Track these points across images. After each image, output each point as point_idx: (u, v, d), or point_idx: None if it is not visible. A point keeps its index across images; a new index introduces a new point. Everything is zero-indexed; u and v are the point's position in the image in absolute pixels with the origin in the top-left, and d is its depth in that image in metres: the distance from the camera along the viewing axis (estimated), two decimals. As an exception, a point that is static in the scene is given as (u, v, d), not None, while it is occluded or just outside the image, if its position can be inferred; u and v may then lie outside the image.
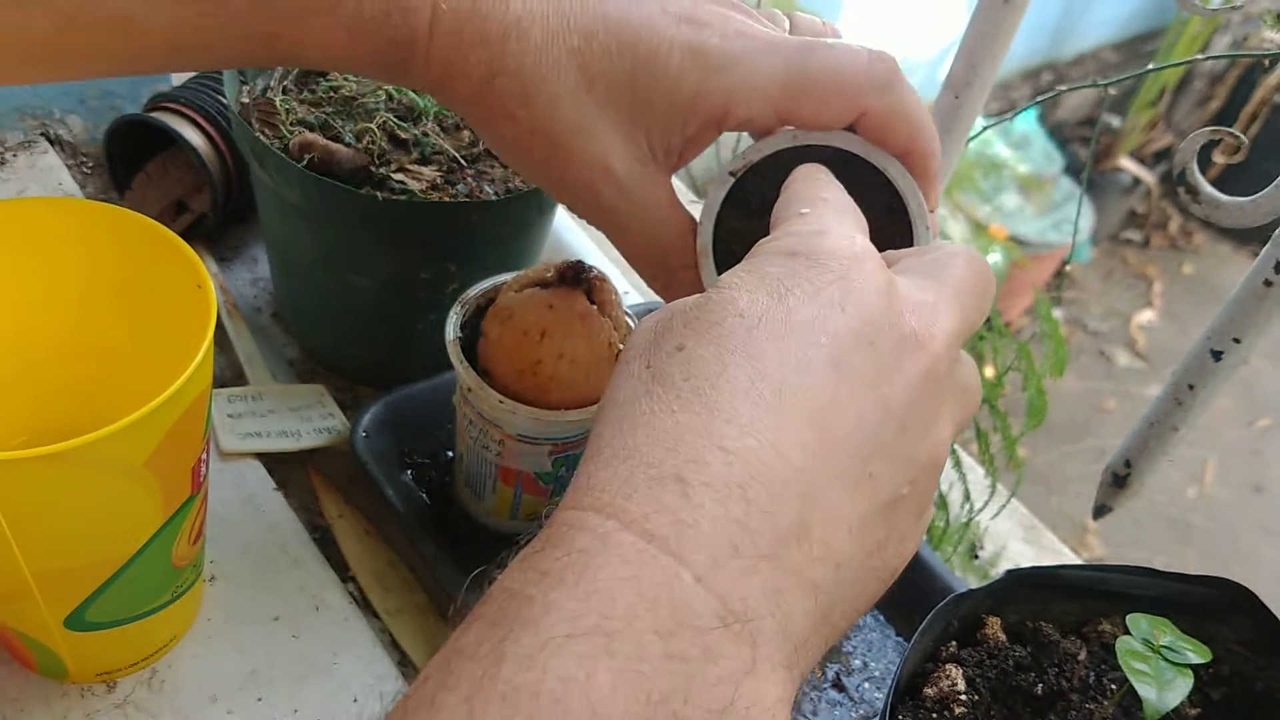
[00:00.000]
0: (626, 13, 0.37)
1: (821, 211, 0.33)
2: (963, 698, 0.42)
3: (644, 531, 0.25)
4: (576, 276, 0.50)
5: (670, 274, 0.40)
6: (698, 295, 0.31)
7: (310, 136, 0.56)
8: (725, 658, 0.24)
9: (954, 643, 0.45)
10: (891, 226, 0.40)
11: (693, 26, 0.38)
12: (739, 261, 0.32)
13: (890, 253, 0.35)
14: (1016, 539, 0.72)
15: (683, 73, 0.37)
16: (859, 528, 0.28)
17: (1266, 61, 0.56)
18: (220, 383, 0.64)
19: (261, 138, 0.56)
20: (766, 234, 0.34)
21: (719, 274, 0.38)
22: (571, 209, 0.40)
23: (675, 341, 0.29)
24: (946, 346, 0.31)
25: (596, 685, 0.23)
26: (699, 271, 0.40)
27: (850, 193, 0.37)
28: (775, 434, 0.27)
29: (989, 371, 0.70)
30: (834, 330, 0.29)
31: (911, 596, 0.57)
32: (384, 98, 0.60)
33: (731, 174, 0.40)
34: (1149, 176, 2.55)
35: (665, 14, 0.38)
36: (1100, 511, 0.60)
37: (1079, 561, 0.76)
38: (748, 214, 0.40)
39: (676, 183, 0.42)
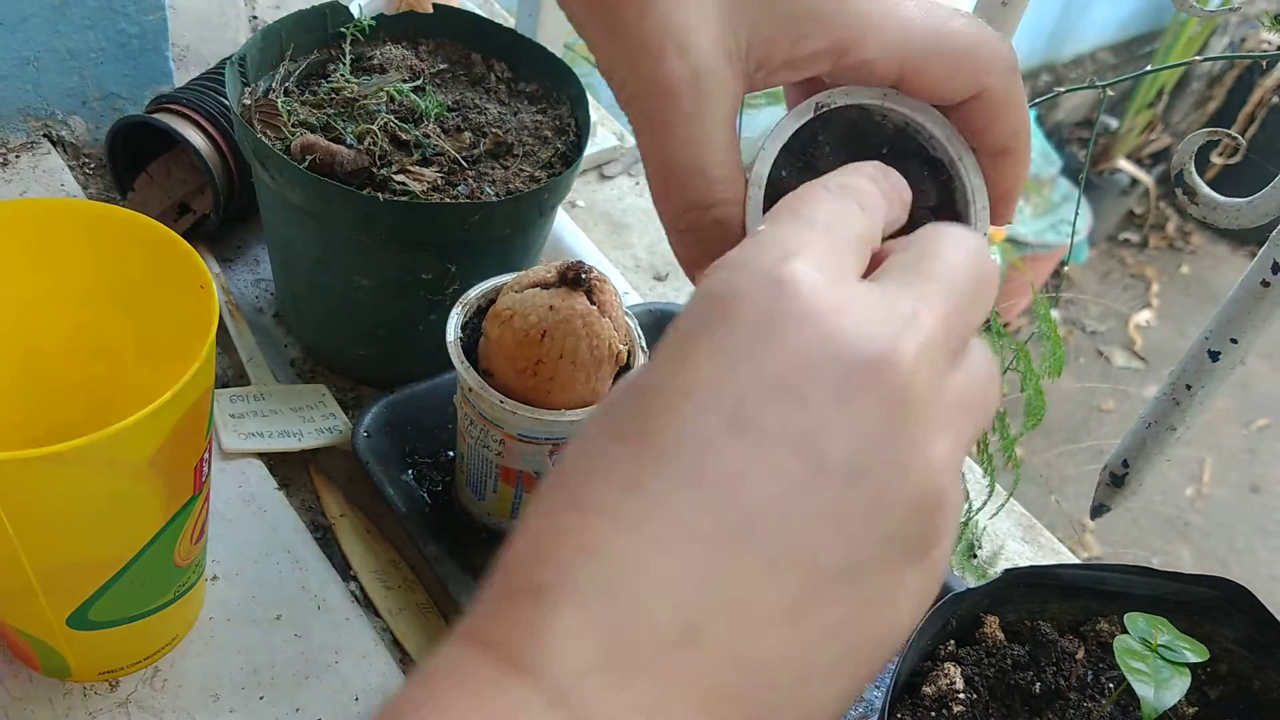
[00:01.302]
0: None
1: (775, 232, 0.27)
2: (961, 696, 0.43)
3: (500, 654, 0.23)
4: (577, 277, 0.50)
5: (702, 209, 0.34)
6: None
7: (312, 138, 0.56)
8: None
9: (952, 641, 0.45)
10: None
11: None
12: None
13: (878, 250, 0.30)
14: (1015, 538, 0.72)
15: None
16: (793, 613, 0.23)
17: (1264, 63, 0.56)
18: (222, 383, 0.65)
19: (263, 139, 0.56)
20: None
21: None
22: (623, 81, 0.34)
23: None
24: (921, 359, 0.25)
25: None
26: (745, 204, 0.34)
27: (907, 177, 0.33)
28: (656, 524, 0.23)
29: (987, 372, 0.70)
30: (739, 386, 0.24)
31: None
32: (385, 99, 0.60)
33: (818, 105, 0.35)
34: (1147, 177, 2.55)
35: None
36: (1098, 511, 0.60)
37: (1077, 561, 0.76)
38: (794, 166, 0.36)
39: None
